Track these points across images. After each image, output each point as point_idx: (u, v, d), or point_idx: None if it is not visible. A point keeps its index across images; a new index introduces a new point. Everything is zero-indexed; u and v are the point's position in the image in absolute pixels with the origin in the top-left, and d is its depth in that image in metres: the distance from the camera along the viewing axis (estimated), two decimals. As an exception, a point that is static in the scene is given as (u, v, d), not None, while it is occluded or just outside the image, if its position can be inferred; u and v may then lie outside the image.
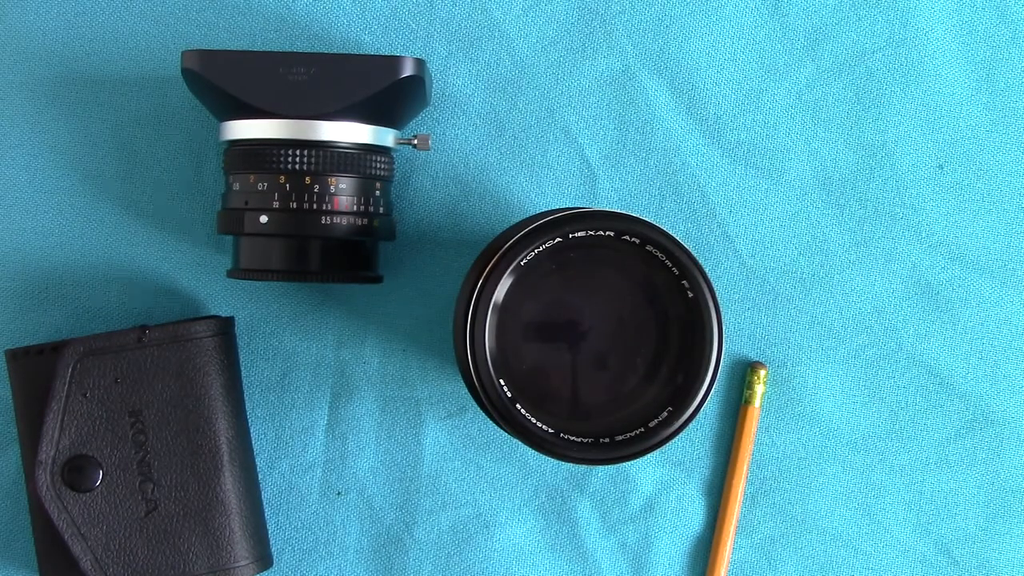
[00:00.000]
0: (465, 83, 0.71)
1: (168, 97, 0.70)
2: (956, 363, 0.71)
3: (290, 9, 0.70)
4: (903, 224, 0.71)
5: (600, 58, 0.71)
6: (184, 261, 0.70)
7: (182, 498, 0.65)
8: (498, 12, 0.71)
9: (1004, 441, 0.71)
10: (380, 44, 0.70)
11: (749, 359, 0.71)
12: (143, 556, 0.64)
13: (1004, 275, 0.71)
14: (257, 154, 0.63)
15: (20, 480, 0.69)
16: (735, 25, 0.71)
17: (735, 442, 0.70)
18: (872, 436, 0.71)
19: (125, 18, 0.70)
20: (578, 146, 0.71)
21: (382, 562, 0.70)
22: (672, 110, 0.71)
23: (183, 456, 0.65)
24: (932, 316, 0.71)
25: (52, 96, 0.70)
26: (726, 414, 0.71)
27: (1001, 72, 0.71)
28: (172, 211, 0.70)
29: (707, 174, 0.71)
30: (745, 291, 0.71)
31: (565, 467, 0.70)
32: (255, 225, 0.63)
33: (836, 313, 0.71)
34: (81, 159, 0.70)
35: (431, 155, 0.70)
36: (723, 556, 0.70)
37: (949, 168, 0.71)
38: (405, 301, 0.71)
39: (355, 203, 0.64)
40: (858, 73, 0.71)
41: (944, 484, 0.71)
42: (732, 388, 0.71)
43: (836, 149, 0.71)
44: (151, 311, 0.70)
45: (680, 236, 0.57)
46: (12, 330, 0.70)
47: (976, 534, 0.71)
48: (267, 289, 0.70)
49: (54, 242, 0.70)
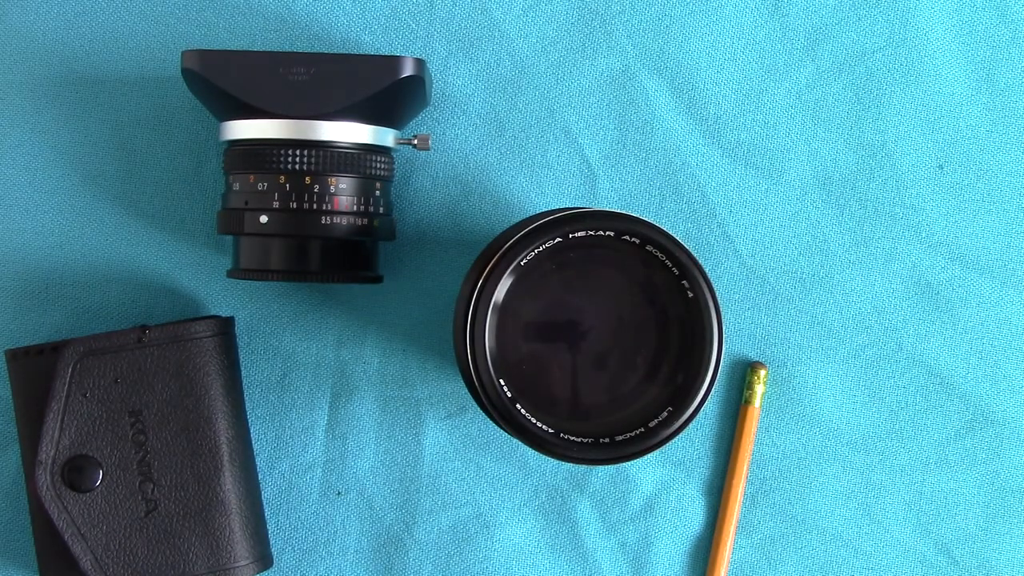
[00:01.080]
0: (465, 83, 0.71)
1: (168, 97, 0.70)
2: (956, 363, 0.71)
3: (290, 9, 0.70)
4: (903, 224, 0.71)
5: (600, 58, 0.71)
6: (184, 261, 0.70)
7: (182, 498, 0.65)
8: (498, 12, 0.71)
9: (1004, 441, 0.71)
10: (380, 44, 0.70)
11: (749, 359, 0.71)
12: (143, 556, 0.64)
13: (1004, 275, 0.71)
14: (257, 154, 0.63)
15: (20, 480, 0.69)
16: (735, 25, 0.71)
17: (735, 442, 0.70)
18: (872, 436, 0.71)
19: (125, 18, 0.70)
20: (578, 146, 0.71)
21: (382, 562, 0.70)
22: (672, 110, 0.71)
23: (183, 456, 0.65)
24: (932, 316, 0.71)
25: (52, 96, 0.70)
26: (726, 414, 0.71)
27: (1001, 72, 0.71)
28: (172, 211, 0.70)
29: (707, 174, 0.71)
30: (745, 291, 0.71)
31: (565, 467, 0.70)
32: (255, 225, 0.63)
33: (836, 313, 0.71)
34: (81, 159, 0.70)
35: (431, 155, 0.70)
36: (723, 556, 0.70)
37: (949, 168, 0.71)
38: (405, 301, 0.71)
39: (355, 203, 0.64)
40: (858, 73, 0.71)
41: (944, 484, 0.71)
42: (732, 388, 0.71)
43: (836, 149, 0.71)
44: (151, 311, 0.70)
45: (680, 236, 0.57)
46: (12, 330, 0.70)
47: (976, 534, 0.71)
48: (267, 289, 0.70)
49: (54, 242, 0.70)
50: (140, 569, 0.64)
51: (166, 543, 0.64)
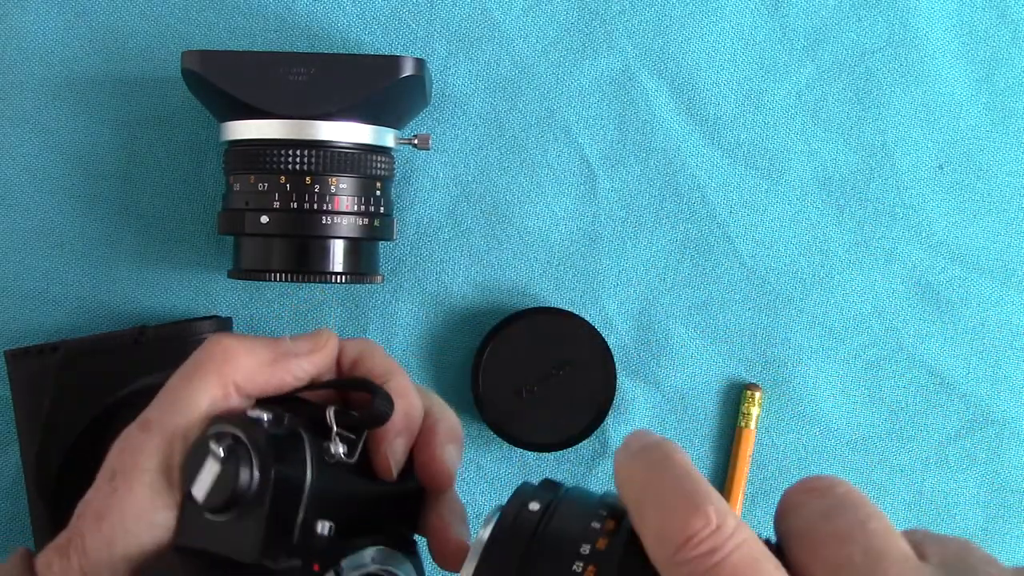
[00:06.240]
0: (465, 83, 0.71)
1: (168, 97, 0.70)
2: (956, 363, 0.71)
3: (290, 9, 0.70)
4: (903, 224, 0.71)
5: (600, 58, 0.71)
6: (184, 261, 0.70)
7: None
8: (498, 12, 0.71)
9: (1004, 441, 0.71)
10: (380, 44, 0.70)
11: (744, 381, 0.71)
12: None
13: (1004, 275, 0.71)
14: (257, 154, 0.63)
15: (20, 480, 0.69)
16: (735, 25, 0.71)
17: (731, 463, 0.70)
18: (872, 436, 0.71)
19: (125, 18, 0.70)
20: (578, 146, 0.71)
21: (382, 562, 0.70)
22: (672, 110, 0.71)
23: (183, 456, 0.65)
24: (932, 316, 0.71)
25: (52, 96, 0.70)
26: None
27: (1001, 72, 0.71)
28: (172, 211, 0.70)
29: (707, 174, 0.71)
30: (745, 291, 0.71)
31: (565, 467, 0.70)
32: (256, 225, 0.63)
33: (836, 313, 0.71)
34: (81, 159, 0.70)
35: (431, 155, 0.70)
36: (723, 556, 0.70)
37: (949, 168, 0.71)
38: (405, 301, 0.71)
39: (355, 203, 0.64)
40: (858, 73, 0.71)
41: (944, 484, 0.71)
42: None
43: (836, 149, 0.71)
44: (151, 311, 0.70)
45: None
46: (12, 330, 0.70)
47: (976, 534, 0.71)
48: (267, 289, 0.70)
49: (54, 242, 0.70)
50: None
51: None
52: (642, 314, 0.71)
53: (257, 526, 0.41)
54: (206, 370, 0.45)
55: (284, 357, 0.46)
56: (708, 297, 0.71)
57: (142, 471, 0.43)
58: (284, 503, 0.42)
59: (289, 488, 0.42)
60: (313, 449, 0.43)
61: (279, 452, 0.42)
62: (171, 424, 0.44)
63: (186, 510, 0.43)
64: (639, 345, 0.71)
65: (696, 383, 0.71)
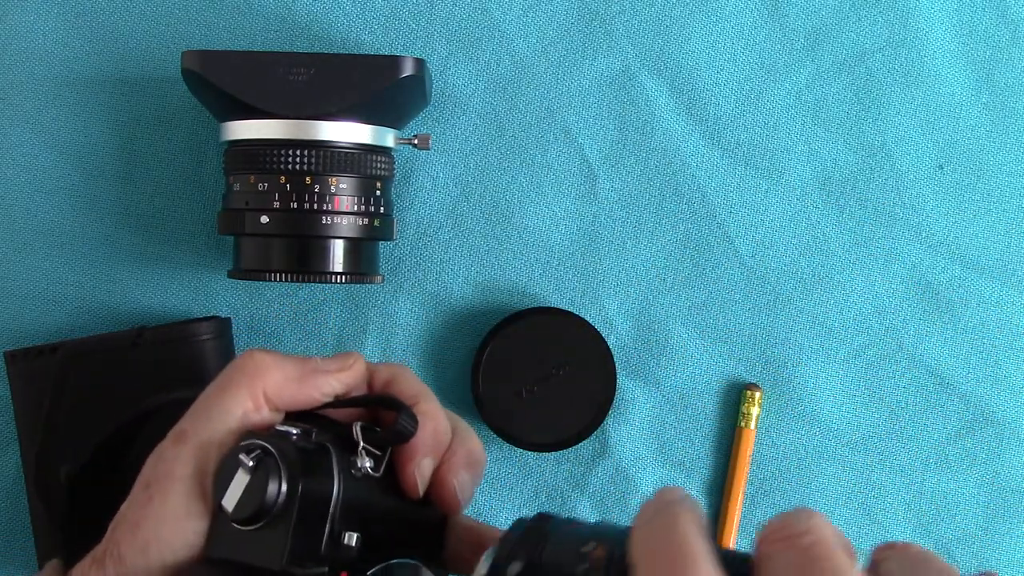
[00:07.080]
0: (465, 83, 0.71)
1: (168, 97, 0.70)
2: (956, 363, 0.71)
3: (290, 9, 0.70)
4: (903, 224, 0.71)
5: (600, 58, 0.71)
6: (184, 261, 0.70)
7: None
8: (498, 12, 0.71)
9: (1004, 441, 0.71)
10: (380, 44, 0.70)
11: (744, 381, 0.71)
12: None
13: (1004, 275, 0.71)
14: (257, 154, 0.63)
15: (20, 480, 0.69)
16: (735, 25, 0.71)
17: (731, 463, 0.70)
18: (872, 436, 0.71)
19: (125, 18, 0.70)
20: (578, 146, 0.71)
21: (382, 562, 0.70)
22: (672, 110, 0.71)
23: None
24: (932, 316, 0.71)
25: (52, 96, 0.70)
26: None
27: (1001, 72, 0.71)
28: (172, 211, 0.70)
29: (707, 174, 0.71)
30: (745, 291, 0.71)
31: (565, 467, 0.70)
32: (256, 225, 0.63)
33: (836, 313, 0.71)
34: (81, 159, 0.70)
35: (431, 155, 0.70)
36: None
37: (949, 168, 0.71)
38: (405, 301, 0.71)
39: (355, 203, 0.64)
40: (858, 73, 0.71)
41: (944, 484, 0.71)
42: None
43: (836, 149, 0.71)
44: (151, 311, 0.70)
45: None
46: (12, 330, 0.70)
47: (976, 534, 0.71)
48: (267, 289, 0.70)
49: (54, 242, 0.70)
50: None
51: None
52: (642, 314, 0.71)
53: (285, 535, 0.42)
54: (238, 383, 0.47)
55: (312, 373, 0.48)
56: (708, 297, 0.71)
57: (177, 480, 0.44)
58: (311, 514, 0.43)
59: (317, 499, 0.43)
60: (341, 462, 0.44)
61: (307, 464, 0.43)
62: (205, 433, 0.45)
63: (217, 522, 0.43)
64: (639, 345, 0.71)
65: (696, 383, 0.71)
